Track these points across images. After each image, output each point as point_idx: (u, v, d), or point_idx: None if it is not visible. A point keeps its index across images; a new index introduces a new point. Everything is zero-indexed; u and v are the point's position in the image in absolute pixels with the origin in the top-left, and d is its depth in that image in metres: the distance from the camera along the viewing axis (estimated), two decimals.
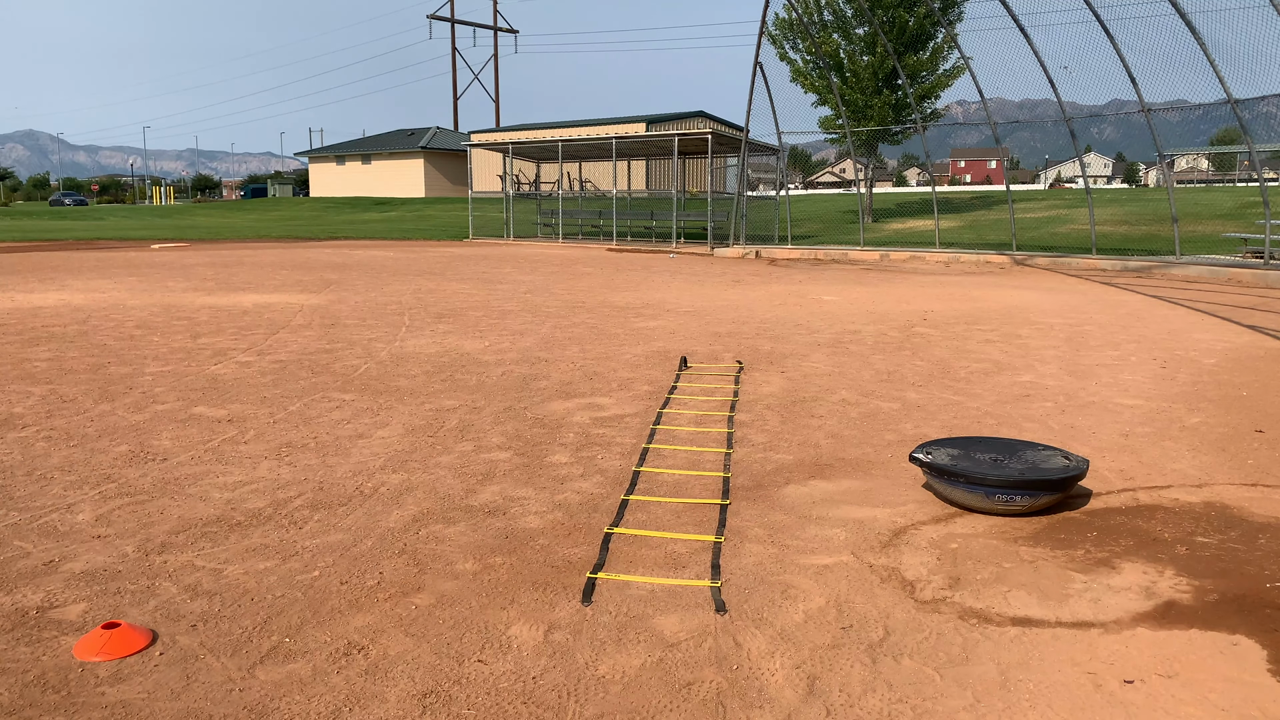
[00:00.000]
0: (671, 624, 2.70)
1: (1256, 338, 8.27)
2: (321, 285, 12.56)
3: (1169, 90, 15.93)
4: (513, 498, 3.82)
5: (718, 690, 2.34)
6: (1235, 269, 14.29)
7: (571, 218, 27.17)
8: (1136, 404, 5.56)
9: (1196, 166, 57.91)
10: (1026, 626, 2.70)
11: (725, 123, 44.18)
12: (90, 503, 3.71)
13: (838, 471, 4.22)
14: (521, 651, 2.54)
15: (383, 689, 2.34)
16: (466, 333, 8.30)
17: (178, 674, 2.39)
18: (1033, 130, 20.95)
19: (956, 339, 8.08)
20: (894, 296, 11.63)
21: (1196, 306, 10.68)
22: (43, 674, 2.39)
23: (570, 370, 6.59)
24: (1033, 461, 3.76)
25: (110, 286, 12.41)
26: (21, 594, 2.86)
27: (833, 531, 3.46)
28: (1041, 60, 17.00)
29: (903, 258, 18.85)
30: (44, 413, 5.21)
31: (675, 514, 3.64)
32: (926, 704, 2.28)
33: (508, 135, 45.93)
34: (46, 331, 8.29)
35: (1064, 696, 2.32)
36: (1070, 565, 3.15)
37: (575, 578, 3.02)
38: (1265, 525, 3.52)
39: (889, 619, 2.74)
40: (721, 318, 9.51)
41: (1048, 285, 13.34)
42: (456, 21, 72.01)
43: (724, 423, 5.09)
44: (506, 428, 4.96)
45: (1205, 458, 4.44)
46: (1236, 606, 2.82)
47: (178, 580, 2.97)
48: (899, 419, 5.19)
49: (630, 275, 14.94)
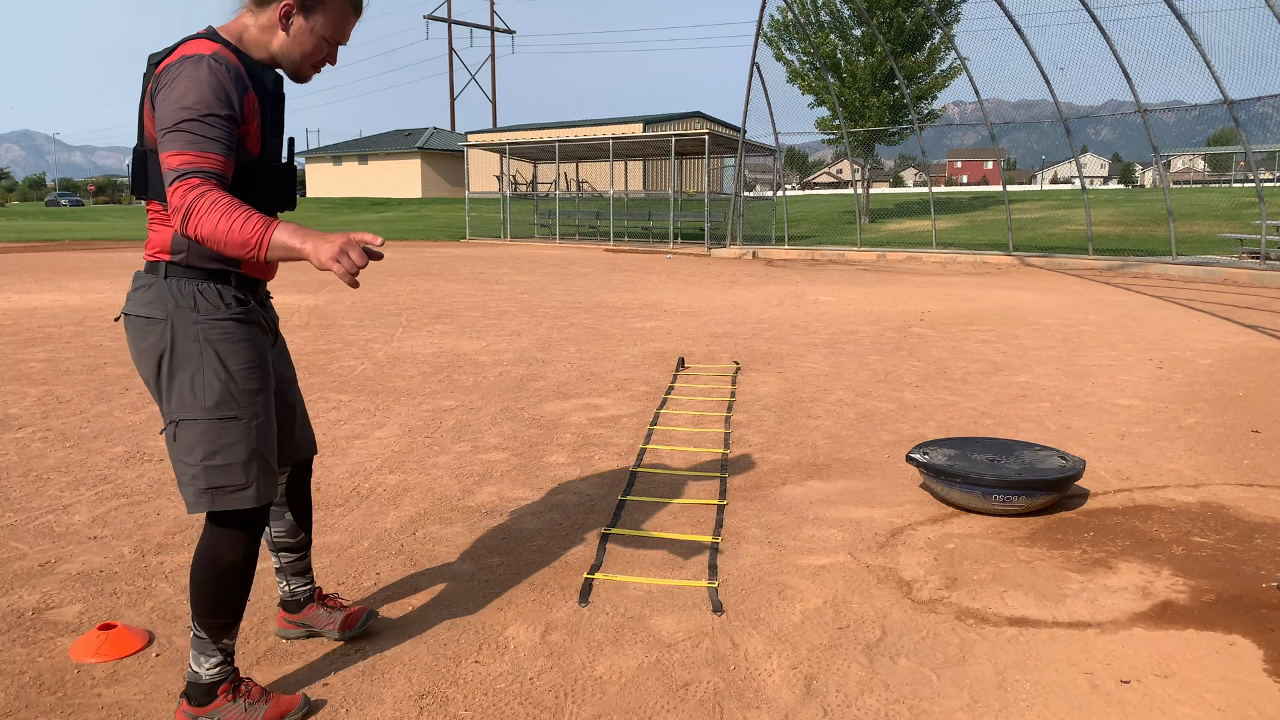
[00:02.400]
0: (669, 624, 2.70)
1: (1253, 338, 8.29)
2: (318, 285, 12.55)
3: (1165, 91, 15.97)
4: (510, 498, 3.82)
5: (715, 690, 2.34)
6: (1231, 269, 14.32)
7: (568, 218, 27.16)
8: (1133, 404, 5.57)
9: (1193, 167, 58.01)
10: (1023, 627, 2.70)
11: (722, 123, 44.20)
12: (86, 504, 3.71)
13: (835, 472, 4.23)
14: (519, 652, 2.53)
15: (379, 689, 2.34)
16: (463, 333, 8.30)
17: (175, 675, 2.39)
18: (1029, 131, 20.97)
19: (953, 339, 8.09)
20: (891, 297, 11.64)
21: (1193, 307, 10.70)
22: (39, 675, 2.39)
23: (567, 371, 6.59)
24: (1029, 462, 3.76)
25: (107, 287, 12.39)
26: (18, 595, 2.86)
27: (830, 532, 3.46)
28: (1038, 61, 17.03)
29: (899, 258, 18.87)
30: (40, 414, 5.20)
31: (672, 514, 3.65)
32: (923, 704, 2.28)
33: (505, 136, 45.93)
34: (43, 332, 8.28)
35: (1061, 696, 2.32)
36: (1067, 565, 3.16)
37: (572, 578, 3.02)
38: (1261, 525, 3.52)
39: (886, 619, 2.75)
40: (718, 318, 9.52)
41: (1044, 285, 13.36)
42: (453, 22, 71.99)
43: (721, 423, 5.09)
44: (503, 428, 4.96)
45: (1201, 458, 4.44)
46: (1233, 606, 2.82)
47: (174, 581, 2.97)
48: (896, 419, 5.20)
49: (627, 276, 14.94)
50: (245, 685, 2.19)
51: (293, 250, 1.87)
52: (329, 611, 2.60)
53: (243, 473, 2.09)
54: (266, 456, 2.14)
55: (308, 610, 2.60)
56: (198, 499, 2.08)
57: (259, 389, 2.13)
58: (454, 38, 71.25)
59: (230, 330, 2.10)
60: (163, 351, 2.07)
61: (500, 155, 29.26)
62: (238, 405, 2.09)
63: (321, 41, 2.16)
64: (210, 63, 1.96)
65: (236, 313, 2.11)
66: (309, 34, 2.13)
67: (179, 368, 2.06)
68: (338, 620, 2.58)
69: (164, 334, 2.06)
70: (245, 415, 2.10)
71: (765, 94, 20.52)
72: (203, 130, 1.92)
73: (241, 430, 2.09)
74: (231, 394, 2.08)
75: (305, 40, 2.14)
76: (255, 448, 2.11)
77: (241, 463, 2.08)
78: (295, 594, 2.58)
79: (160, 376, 2.08)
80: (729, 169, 27.30)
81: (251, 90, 2.05)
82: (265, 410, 2.15)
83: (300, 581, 2.59)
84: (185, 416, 2.07)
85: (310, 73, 2.20)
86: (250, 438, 2.10)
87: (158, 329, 2.07)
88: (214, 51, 1.99)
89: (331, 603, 2.62)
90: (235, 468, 2.08)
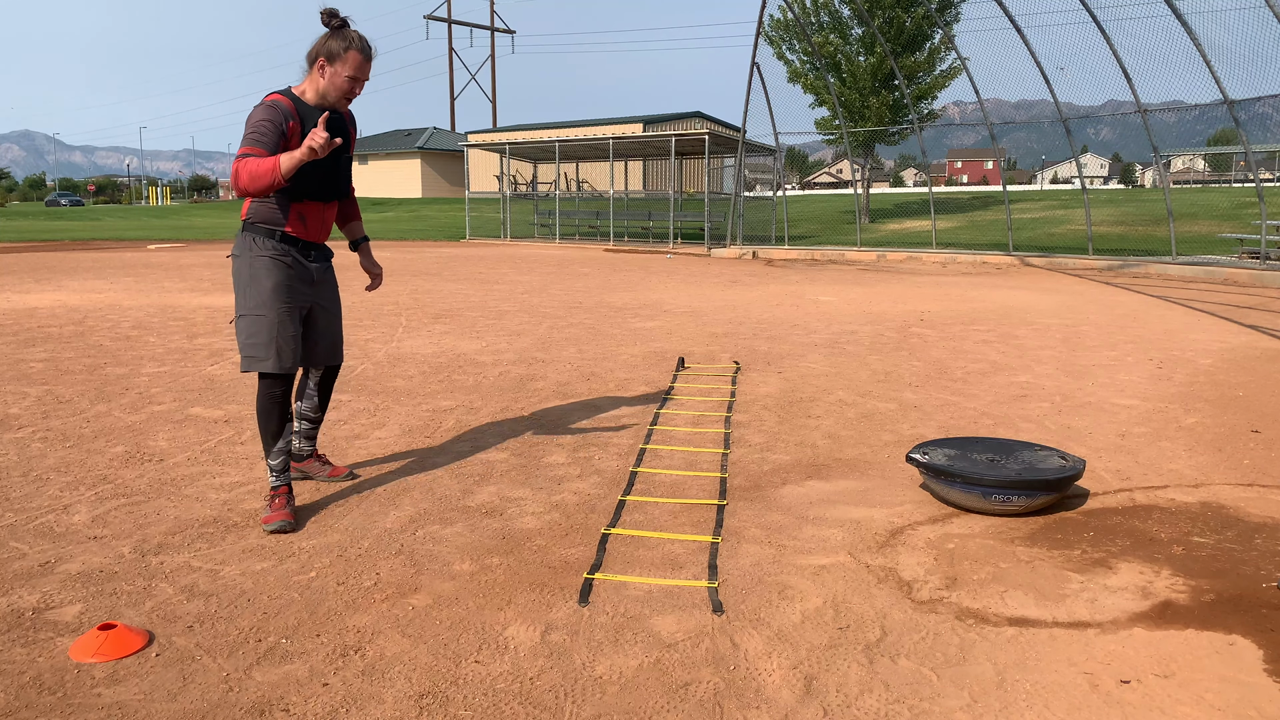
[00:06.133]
0: (669, 624, 2.70)
1: (1253, 338, 8.29)
2: None
3: (1165, 91, 15.97)
4: (510, 498, 3.82)
5: (715, 690, 2.34)
6: (1231, 269, 14.32)
7: (568, 218, 27.16)
8: (1133, 404, 5.57)
9: (1193, 167, 57.99)
10: (1023, 626, 2.70)
11: (722, 123, 44.20)
12: (86, 504, 3.71)
13: (835, 472, 4.23)
14: (519, 652, 2.53)
15: (380, 690, 2.34)
16: (463, 333, 8.30)
17: (174, 675, 2.39)
18: (1029, 131, 20.97)
19: (953, 339, 8.09)
20: (891, 297, 11.64)
21: (1193, 307, 10.71)
22: (39, 675, 2.39)
23: (567, 371, 6.59)
24: (1029, 462, 3.76)
25: (106, 287, 12.39)
26: (18, 595, 2.86)
27: (830, 532, 3.46)
28: (1038, 61, 17.03)
29: (899, 258, 18.87)
30: (40, 413, 5.20)
31: (672, 514, 3.64)
32: (923, 704, 2.28)
33: (505, 135, 45.90)
34: (42, 332, 8.28)
35: (1061, 696, 2.32)
36: (1067, 565, 3.15)
37: (572, 578, 3.02)
38: (1261, 525, 3.52)
39: (886, 619, 2.74)
40: (718, 318, 9.52)
41: (1044, 285, 13.36)
42: (453, 22, 71.96)
43: (721, 423, 5.09)
44: (503, 428, 4.95)
45: (1202, 458, 4.44)
46: (1233, 606, 2.82)
47: (174, 581, 2.97)
48: (896, 419, 5.20)
49: (627, 275, 14.94)
50: (277, 494, 3.52)
51: (293, 159, 3.16)
52: (322, 465, 3.98)
53: (265, 349, 3.42)
54: (281, 342, 3.43)
55: (307, 462, 3.93)
56: (243, 363, 3.46)
57: (280, 301, 3.42)
58: (454, 38, 71.23)
59: (266, 263, 3.42)
60: (238, 273, 3.46)
61: (500, 155, 29.25)
62: (265, 308, 3.41)
63: (346, 80, 3.38)
64: (275, 103, 3.33)
65: (271, 252, 3.42)
66: (337, 77, 3.37)
67: (241, 283, 3.45)
68: (326, 471, 3.96)
69: (238, 263, 3.46)
70: (268, 314, 3.42)
71: (765, 94, 20.53)
72: (252, 136, 3.25)
73: (265, 324, 3.41)
74: (261, 301, 3.41)
75: (337, 82, 3.38)
76: (274, 335, 3.42)
77: (264, 343, 3.42)
78: (300, 450, 3.89)
79: (236, 289, 3.47)
80: (729, 169, 27.30)
81: (295, 119, 3.33)
82: (286, 314, 3.44)
83: (308, 444, 3.90)
84: (239, 313, 3.46)
85: (344, 102, 3.46)
86: (271, 329, 3.41)
87: (236, 261, 3.47)
88: (277, 98, 3.35)
89: (324, 462, 3.99)
90: (260, 345, 3.42)
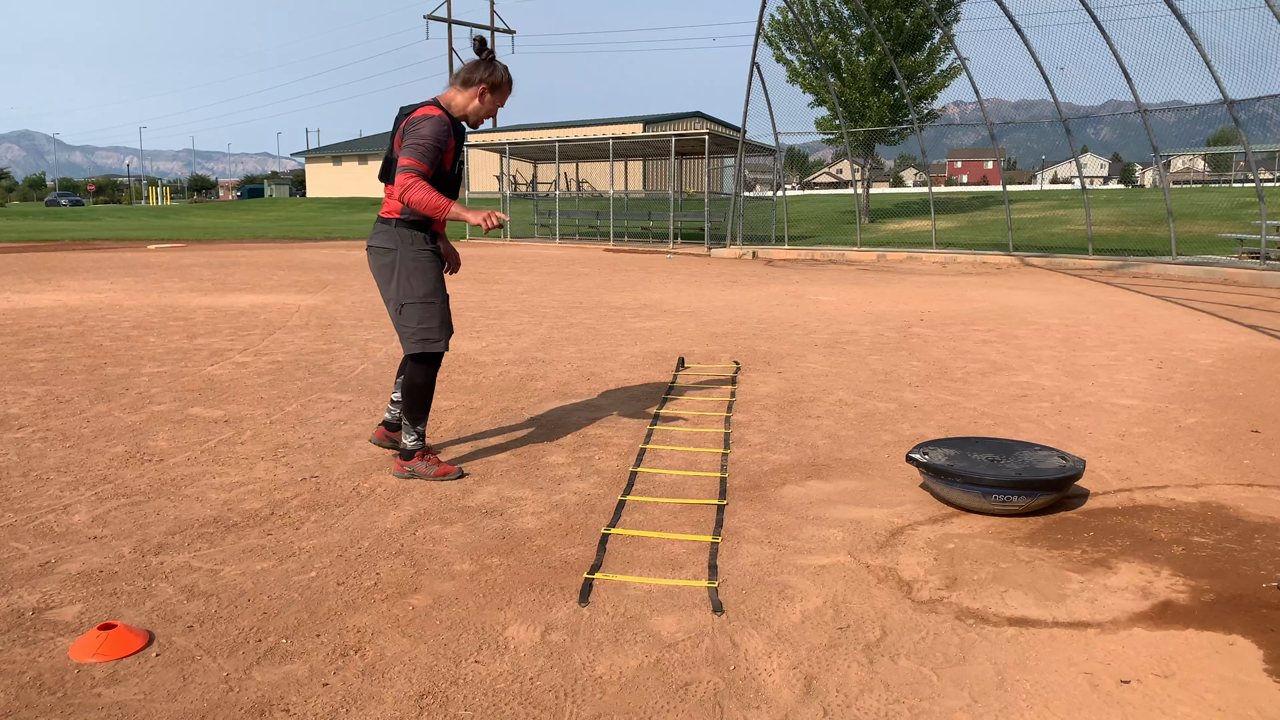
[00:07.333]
0: (669, 624, 2.70)
1: (1253, 338, 8.29)
2: (318, 286, 12.55)
3: (1165, 91, 15.97)
4: (510, 498, 3.82)
5: (715, 690, 2.34)
6: (1231, 269, 14.32)
7: (568, 218, 27.16)
8: (1133, 404, 5.57)
9: (1193, 167, 57.98)
10: (1023, 627, 2.70)
11: (722, 123, 44.22)
12: (86, 504, 3.71)
13: (835, 472, 4.23)
14: (519, 652, 2.53)
15: (380, 690, 2.34)
16: (463, 333, 8.30)
17: (174, 675, 2.39)
18: (1029, 131, 20.97)
19: (953, 339, 8.09)
20: (891, 297, 11.64)
21: (1193, 307, 10.71)
22: (39, 675, 2.39)
23: (567, 370, 6.59)
24: (1029, 462, 3.76)
25: (106, 287, 12.40)
26: (17, 595, 2.86)
27: (830, 532, 3.46)
28: (1038, 61, 17.03)
29: (899, 258, 18.87)
30: (40, 413, 5.20)
31: (672, 514, 3.65)
32: (923, 704, 2.28)
33: (505, 135, 45.90)
34: (42, 332, 8.28)
35: (1061, 696, 2.32)
36: (1067, 565, 3.15)
37: (572, 578, 3.02)
38: (1261, 525, 3.52)
39: (886, 619, 2.74)
40: (719, 318, 9.52)
41: (1044, 285, 13.36)
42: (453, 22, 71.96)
43: (721, 423, 5.09)
44: (503, 428, 4.95)
45: (1201, 458, 4.44)
46: (1233, 606, 2.82)
47: (174, 581, 2.97)
48: (896, 419, 5.20)
49: (627, 275, 14.95)
50: (429, 453, 4.03)
51: (460, 215, 3.64)
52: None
53: (438, 332, 3.90)
54: (446, 323, 3.93)
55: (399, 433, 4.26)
56: (414, 346, 3.88)
57: (443, 289, 3.92)
58: (454, 38, 71.17)
59: (429, 256, 3.88)
60: (394, 265, 3.85)
61: (500, 155, 29.25)
62: (435, 296, 3.87)
63: (493, 106, 3.87)
64: (442, 118, 3.73)
65: (431, 246, 3.90)
66: (490, 104, 3.87)
67: (404, 274, 3.84)
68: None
69: (395, 256, 3.85)
70: (437, 300, 3.89)
71: (765, 94, 20.52)
72: (427, 153, 3.66)
73: (436, 310, 3.89)
74: (432, 290, 3.86)
75: (489, 107, 3.88)
76: (444, 318, 3.92)
77: (437, 327, 3.89)
78: (393, 419, 4.34)
79: (392, 279, 3.85)
80: (729, 169, 27.30)
81: (452, 135, 3.75)
82: (446, 302, 3.94)
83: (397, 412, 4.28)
84: (406, 301, 3.84)
85: (480, 123, 3.95)
86: (441, 314, 3.91)
87: (391, 254, 3.86)
88: (441, 114, 3.74)
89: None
90: (434, 329, 3.89)
